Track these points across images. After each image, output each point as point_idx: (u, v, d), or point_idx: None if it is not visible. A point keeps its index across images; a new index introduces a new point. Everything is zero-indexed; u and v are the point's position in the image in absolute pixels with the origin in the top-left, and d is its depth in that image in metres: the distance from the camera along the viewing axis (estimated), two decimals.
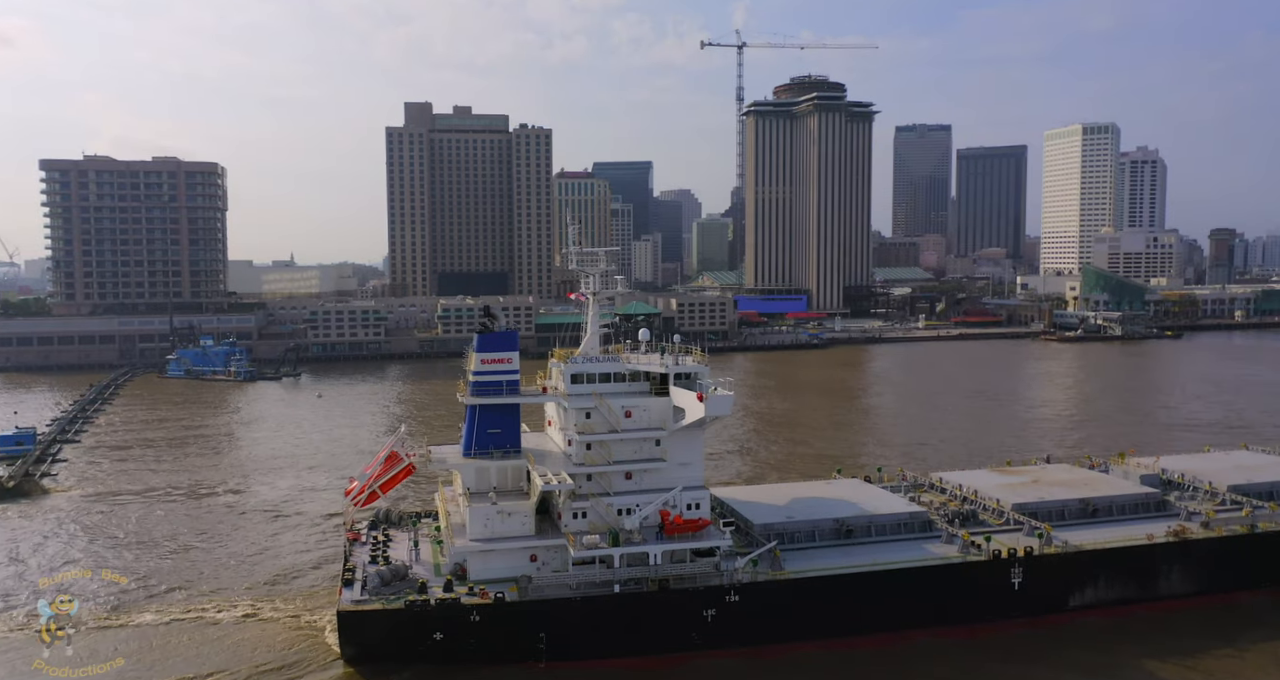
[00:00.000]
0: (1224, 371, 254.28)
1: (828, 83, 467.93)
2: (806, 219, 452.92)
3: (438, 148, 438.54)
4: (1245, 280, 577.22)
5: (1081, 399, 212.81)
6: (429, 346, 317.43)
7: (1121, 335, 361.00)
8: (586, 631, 69.00)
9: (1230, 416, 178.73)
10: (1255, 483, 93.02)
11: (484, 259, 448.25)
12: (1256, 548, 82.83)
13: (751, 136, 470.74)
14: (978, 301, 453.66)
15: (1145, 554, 79.68)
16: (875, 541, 79.30)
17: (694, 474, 77.19)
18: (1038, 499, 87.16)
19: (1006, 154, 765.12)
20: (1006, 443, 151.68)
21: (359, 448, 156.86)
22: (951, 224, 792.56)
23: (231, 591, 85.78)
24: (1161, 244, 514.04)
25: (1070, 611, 77.91)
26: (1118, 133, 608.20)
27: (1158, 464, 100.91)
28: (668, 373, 77.06)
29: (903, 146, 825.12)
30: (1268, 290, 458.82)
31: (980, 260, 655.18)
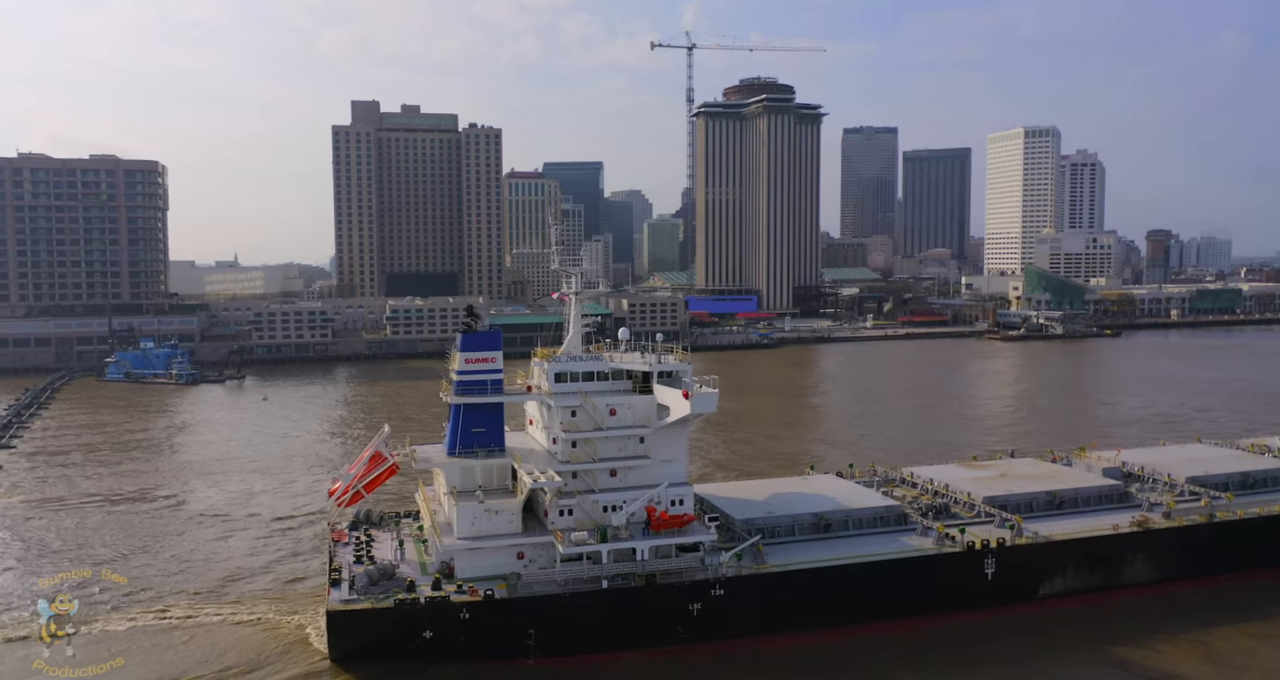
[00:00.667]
0: (1161, 369, 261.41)
1: (777, 85, 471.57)
2: (756, 220, 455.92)
3: (385, 147, 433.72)
4: (1180, 280, 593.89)
5: (1026, 396, 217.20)
6: (377, 348, 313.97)
7: (1063, 334, 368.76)
8: (575, 627, 69.92)
9: (1168, 412, 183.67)
10: (1212, 475, 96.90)
11: (433, 260, 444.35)
12: (1216, 536, 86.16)
13: (701, 137, 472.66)
14: (924, 301, 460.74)
15: (1111, 544, 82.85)
16: (853, 535, 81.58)
17: (677, 470, 78.50)
18: (1007, 492, 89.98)
19: (951, 156, 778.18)
20: (956, 439, 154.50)
21: (307, 451, 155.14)
22: (898, 225, 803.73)
23: (191, 596, 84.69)
24: (1100, 245, 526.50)
25: (1040, 600, 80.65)
26: (1058, 136, 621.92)
27: (1118, 457, 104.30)
28: (651, 371, 78.23)
29: (850, 148, 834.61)
30: (1202, 290, 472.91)
31: (926, 261, 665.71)
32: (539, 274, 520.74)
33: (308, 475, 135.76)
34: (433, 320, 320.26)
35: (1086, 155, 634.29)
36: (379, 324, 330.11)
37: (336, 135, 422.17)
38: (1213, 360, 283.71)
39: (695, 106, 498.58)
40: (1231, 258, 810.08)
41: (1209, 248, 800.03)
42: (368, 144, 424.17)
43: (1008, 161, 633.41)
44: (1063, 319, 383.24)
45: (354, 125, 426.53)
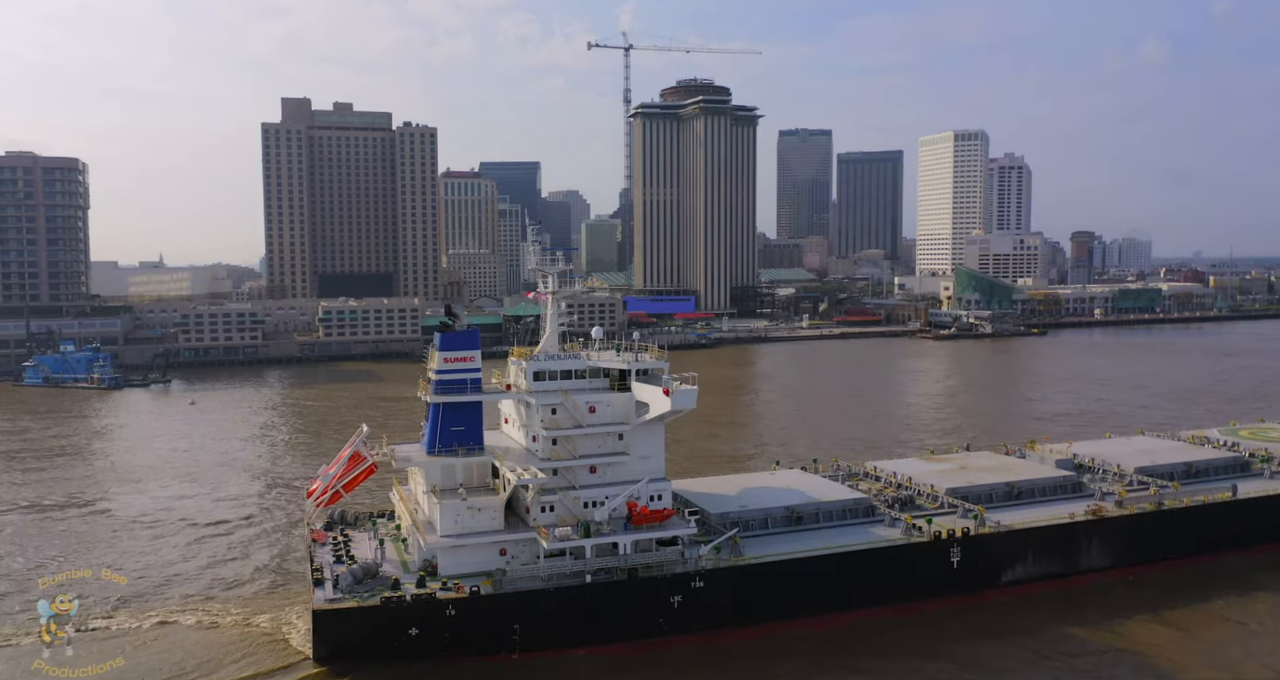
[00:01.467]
0: (1087, 366, 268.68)
1: (713, 86, 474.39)
2: (694, 220, 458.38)
3: (317, 145, 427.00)
4: (1103, 280, 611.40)
5: (959, 394, 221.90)
6: (310, 350, 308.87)
7: (992, 333, 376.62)
8: (559, 621, 70.96)
9: (1094, 409, 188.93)
10: (1158, 465, 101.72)
11: (367, 260, 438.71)
12: (1164, 523, 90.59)
13: (639, 138, 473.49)
14: (858, 301, 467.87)
15: (1068, 532, 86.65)
16: (824, 527, 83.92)
17: (655, 466, 79.80)
18: (968, 484, 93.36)
19: (884, 159, 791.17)
20: (895, 437, 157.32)
21: (239, 454, 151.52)
22: (833, 226, 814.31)
23: (145, 602, 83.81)
24: (1028, 246, 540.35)
25: (1003, 587, 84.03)
26: (986, 139, 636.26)
27: (1070, 449, 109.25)
28: (629, 369, 79.53)
29: (786, 150, 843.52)
30: (1123, 290, 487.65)
31: (860, 261, 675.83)
32: (476, 275, 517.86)
33: (240, 479, 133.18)
34: (367, 322, 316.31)
35: (1014, 158, 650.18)
36: (311, 326, 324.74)
37: (266, 133, 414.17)
38: (1135, 358, 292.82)
39: (632, 107, 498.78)
40: (1151, 258, 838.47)
41: (1130, 249, 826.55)
42: (299, 142, 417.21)
43: (938, 164, 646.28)
44: (992, 318, 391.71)
45: (284, 123, 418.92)
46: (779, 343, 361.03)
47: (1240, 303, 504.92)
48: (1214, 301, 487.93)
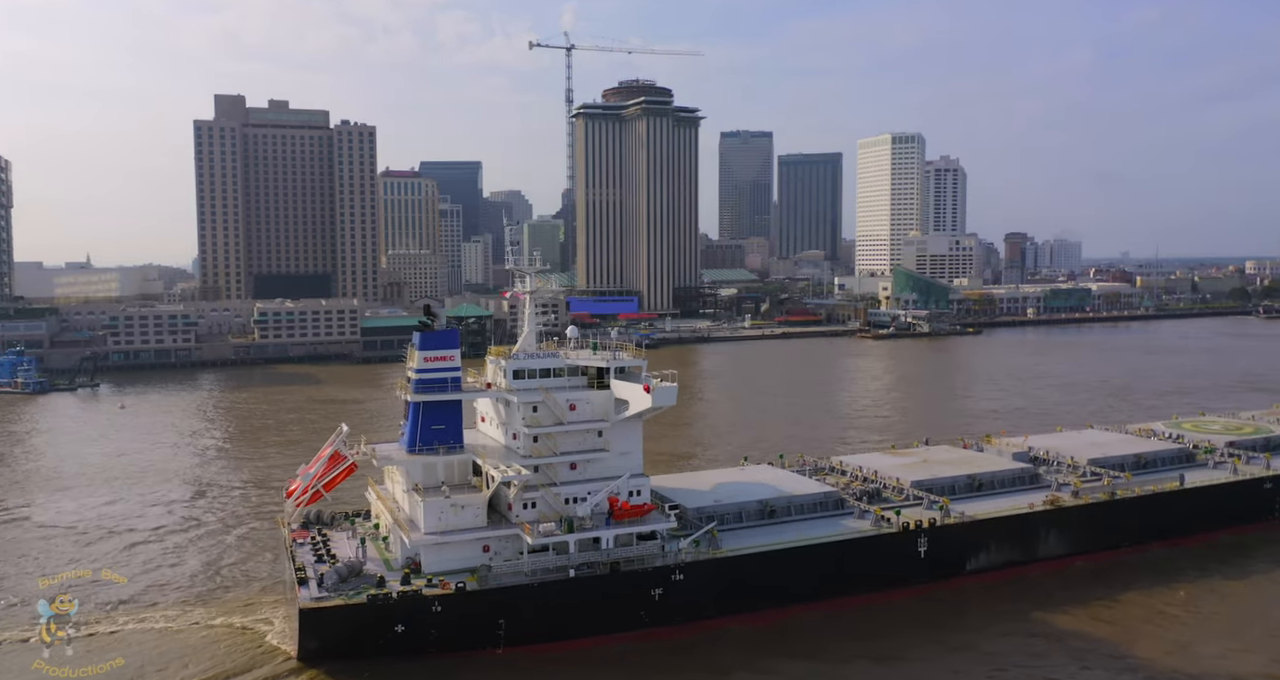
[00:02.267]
0: (1021, 364, 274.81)
1: (655, 87, 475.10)
2: (636, 221, 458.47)
3: (252, 143, 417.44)
4: (1035, 280, 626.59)
5: (899, 392, 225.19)
6: (245, 353, 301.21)
7: (929, 332, 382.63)
8: (543, 616, 71.94)
9: (1029, 404, 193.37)
10: (1110, 456, 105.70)
11: (304, 260, 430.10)
12: (1117, 512, 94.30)
13: (581, 139, 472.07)
14: (799, 301, 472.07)
15: (1027, 521, 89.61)
16: (796, 520, 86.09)
17: (634, 462, 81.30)
18: (932, 476, 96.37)
19: (824, 160, 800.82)
20: (839, 434, 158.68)
21: (172, 459, 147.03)
22: (774, 227, 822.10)
23: (115, 607, 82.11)
24: (963, 247, 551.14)
25: (968, 575, 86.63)
26: (923, 142, 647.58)
27: (1025, 443, 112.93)
28: (608, 367, 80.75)
29: (727, 152, 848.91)
30: (1055, 289, 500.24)
31: (801, 262, 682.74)
32: (416, 275, 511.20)
33: (173, 483, 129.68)
34: (304, 323, 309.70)
35: (949, 161, 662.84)
36: (247, 328, 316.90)
37: (199, 130, 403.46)
38: (1066, 355, 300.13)
39: (574, 107, 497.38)
40: (1081, 259, 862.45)
41: (1061, 250, 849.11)
42: (232, 140, 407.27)
43: (876, 166, 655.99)
44: (929, 318, 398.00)
45: (218, 120, 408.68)
46: (722, 343, 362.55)
47: (1165, 302, 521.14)
48: (1141, 301, 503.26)
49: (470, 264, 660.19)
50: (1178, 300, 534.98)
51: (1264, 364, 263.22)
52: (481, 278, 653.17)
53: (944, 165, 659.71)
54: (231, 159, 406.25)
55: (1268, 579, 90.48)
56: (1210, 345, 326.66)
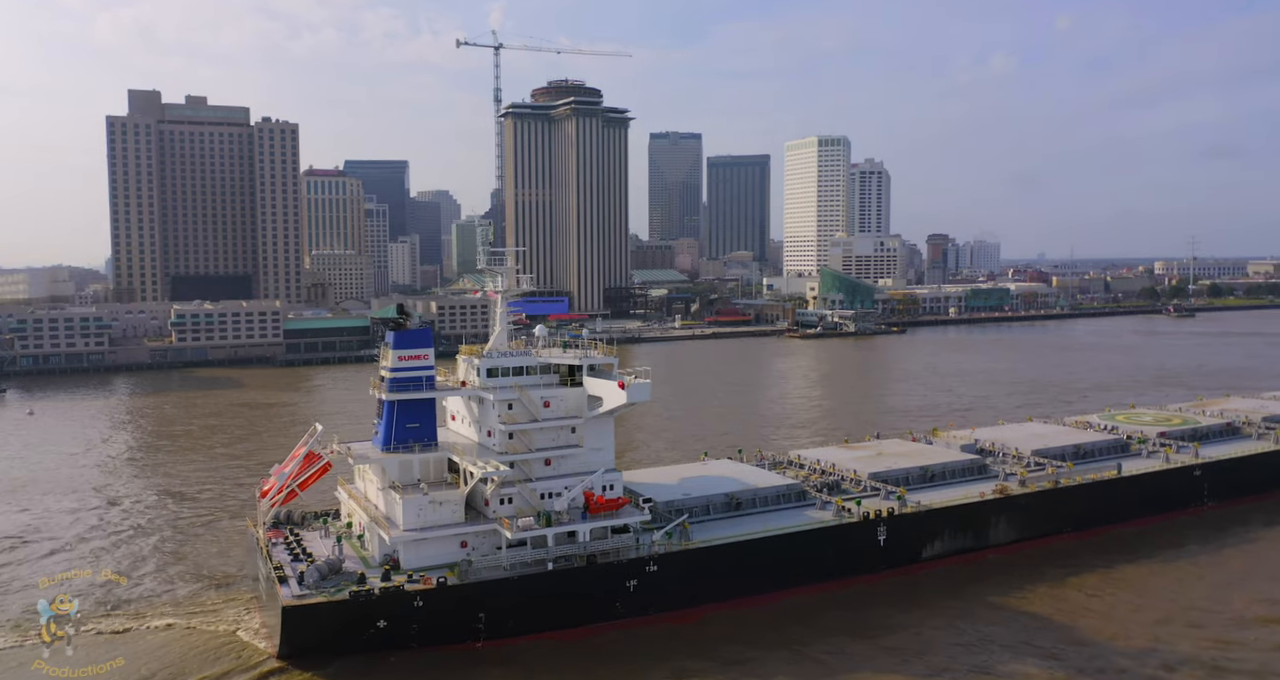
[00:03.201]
0: (944, 362, 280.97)
1: (585, 88, 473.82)
2: (566, 222, 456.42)
3: (168, 140, 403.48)
4: (957, 281, 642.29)
5: (829, 389, 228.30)
6: (162, 356, 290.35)
7: (855, 331, 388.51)
8: (522, 609, 72.82)
9: (955, 400, 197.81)
10: (1052, 447, 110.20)
11: (223, 261, 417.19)
12: (1062, 500, 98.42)
13: (510, 138, 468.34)
14: (729, 302, 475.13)
15: (978, 510, 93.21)
16: (762, 511, 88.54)
17: (606, 458, 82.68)
18: (887, 468, 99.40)
19: (752, 162, 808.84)
20: (770, 432, 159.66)
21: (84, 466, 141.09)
22: (703, 228, 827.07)
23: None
24: (888, 248, 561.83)
25: (924, 562, 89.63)
26: (848, 145, 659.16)
27: (972, 435, 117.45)
28: (581, 365, 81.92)
29: (657, 153, 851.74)
30: (975, 289, 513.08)
31: (730, 263, 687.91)
32: (341, 276, 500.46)
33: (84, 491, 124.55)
34: (224, 326, 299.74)
35: (874, 164, 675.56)
36: (163, 330, 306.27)
37: (112, 127, 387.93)
38: (987, 353, 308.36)
39: (503, 107, 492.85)
40: (1000, 260, 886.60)
41: (981, 251, 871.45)
42: (148, 136, 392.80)
43: (803, 168, 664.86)
44: (855, 317, 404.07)
45: (132, 116, 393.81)
46: (653, 343, 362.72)
47: (1080, 302, 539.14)
48: (1056, 300, 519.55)
49: (397, 265, 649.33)
50: (1091, 299, 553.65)
51: (1175, 360, 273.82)
52: (409, 278, 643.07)
53: (869, 168, 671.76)
54: (146, 156, 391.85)
55: (1197, 560, 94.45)
56: (1124, 343, 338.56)
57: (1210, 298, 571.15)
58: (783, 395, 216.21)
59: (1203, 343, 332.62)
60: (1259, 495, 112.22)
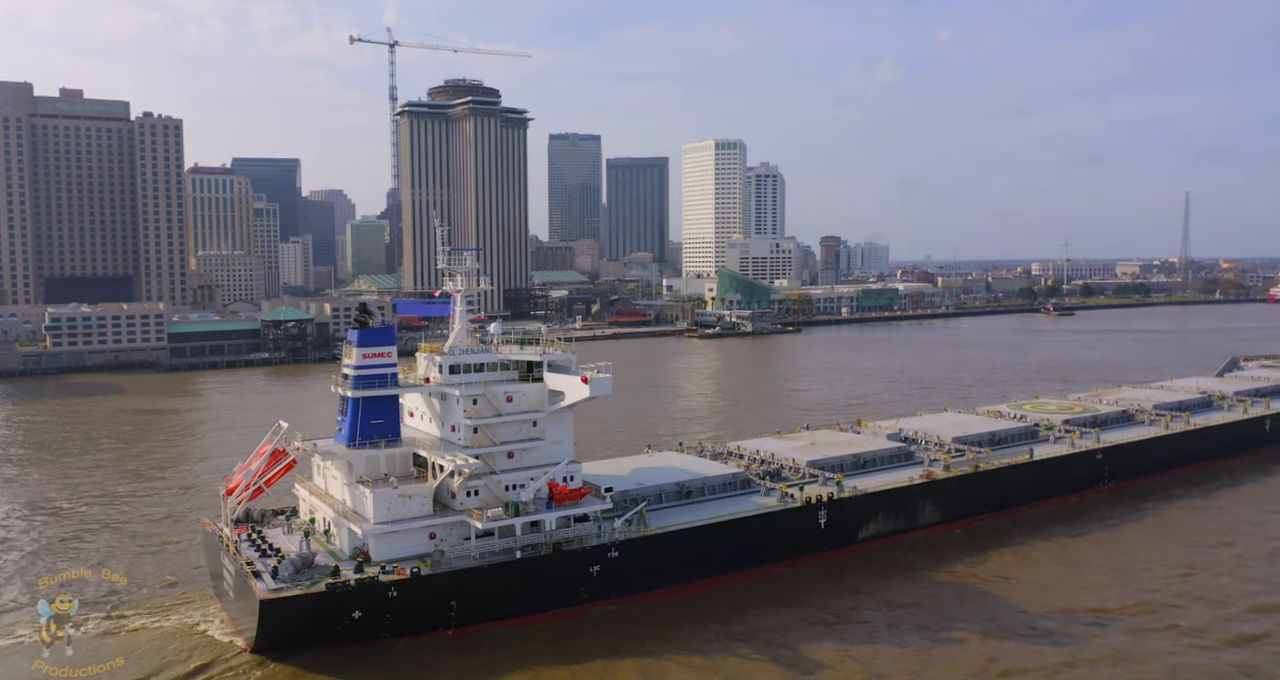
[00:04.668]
0: (839, 360, 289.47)
1: (482, 87, 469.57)
2: (464, 222, 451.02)
3: (41, 135, 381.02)
4: (849, 281, 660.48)
5: (731, 387, 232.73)
6: (35, 362, 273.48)
7: (753, 331, 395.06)
8: (492, 596, 75.35)
9: (853, 396, 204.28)
10: (970, 434, 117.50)
11: (102, 262, 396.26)
12: (982, 483, 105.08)
13: (406, 137, 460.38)
14: (629, 302, 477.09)
15: (908, 493, 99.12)
16: (711, 499, 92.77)
17: (566, 450, 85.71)
18: (823, 456, 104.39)
19: (651, 165, 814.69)
20: (675, 430, 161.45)
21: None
22: (603, 229, 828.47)
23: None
24: (783, 250, 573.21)
25: (861, 542, 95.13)
26: (744, 149, 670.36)
27: (897, 425, 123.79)
28: (542, 361, 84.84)
29: (556, 154, 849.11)
30: (866, 289, 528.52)
31: (630, 264, 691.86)
32: (230, 277, 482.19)
33: None
34: (103, 329, 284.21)
35: (769, 167, 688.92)
36: (37, 335, 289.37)
37: None
38: (879, 351, 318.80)
39: (399, 105, 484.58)
40: (890, 261, 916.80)
41: (871, 252, 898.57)
42: (18, 131, 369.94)
43: (701, 171, 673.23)
44: (752, 317, 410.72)
45: (0, 109, 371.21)
46: None
47: (964, 301, 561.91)
48: (942, 300, 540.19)
49: (289, 265, 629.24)
50: (974, 299, 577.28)
51: (1054, 356, 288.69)
52: (301, 280, 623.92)
53: (764, 171, 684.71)
54: (17, 152, 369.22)
55: (1100, 536, 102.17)
56: (1006, 340, 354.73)
57: (1082, 297, 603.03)
58: (687, 393, 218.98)
59: (1078, 339, 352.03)
60: (1153, 475, 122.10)
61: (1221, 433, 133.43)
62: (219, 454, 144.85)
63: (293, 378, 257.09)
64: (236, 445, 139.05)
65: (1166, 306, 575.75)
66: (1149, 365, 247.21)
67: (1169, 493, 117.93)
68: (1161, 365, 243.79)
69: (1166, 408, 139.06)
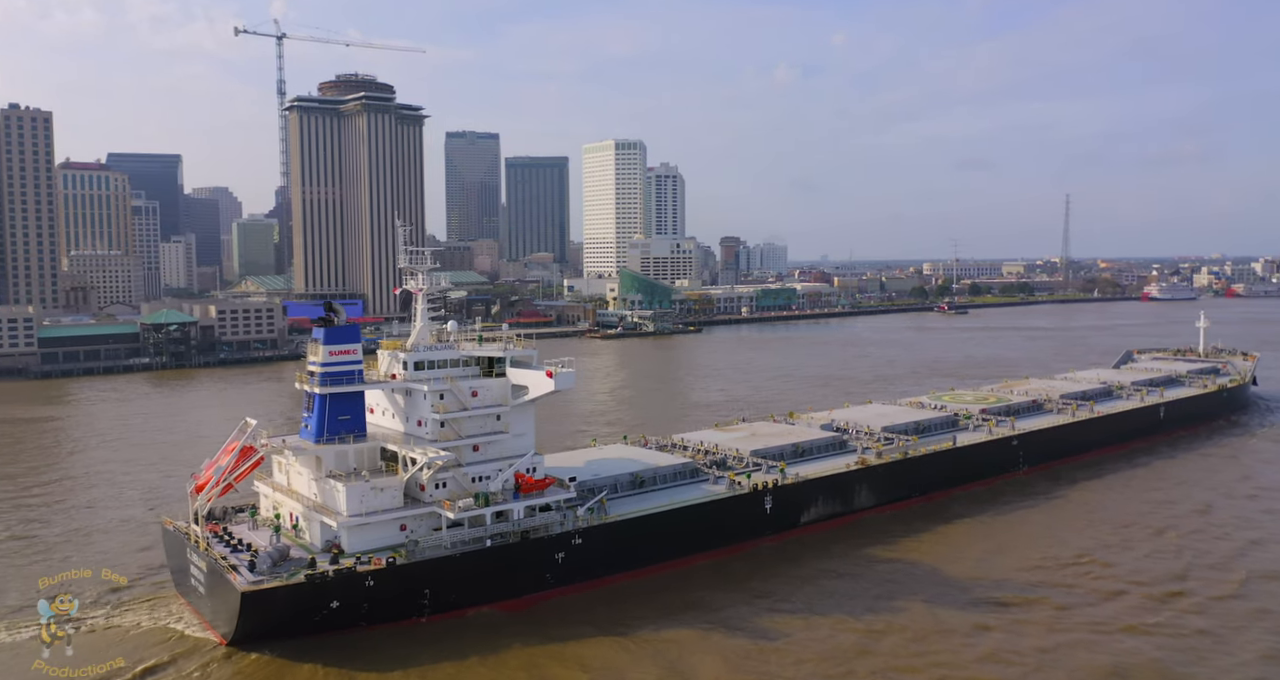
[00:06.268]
0: (741, 358, 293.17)
1: (376, 83, 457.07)
2: (358, 221, 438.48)
3: None
4: (748, 281, 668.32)
5: (636, 386, 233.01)
6: None
7: (654, 331, 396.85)
8: (463, 584, 77.79)
9: (757, 393, 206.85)
10: (898, 424, 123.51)
11: None
12: (911, 468, 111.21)
13: (296, 133, 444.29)
14: (530, 303, 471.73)
15: (845, 479, 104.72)
16: (663, 487, 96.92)
17: (529, 443, 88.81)
18: (765, 446, 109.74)
19: (551, 164, 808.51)
20: (579, 428, 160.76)
21: None
22: (503, 229, 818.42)
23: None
24: (683, 250, 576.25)
25: (803, 526, 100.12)
26: (644, 149, 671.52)
27: (829, 416, 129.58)
28: (504, 357, 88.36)
29: (454, 152, 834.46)
30: (765, 289, 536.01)
31: (530, 264, 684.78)
32: (106, 278, 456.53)
33: None
34: None
35: (669, 168, 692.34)
36: None
37: None
38: (779, 349, 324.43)
39: (288, 100, 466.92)
40: (788, 261, 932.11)
41: (770, 253, 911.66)
42: None
43: (601, 171, 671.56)
44: (654, 317, 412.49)
45: None
46: None
47: (859, 301, 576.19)
48: (839, 299, 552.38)
49: (171, 266, 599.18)
50: (869, 298, 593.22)
51: (947, 353, 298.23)
52: (184, 281, 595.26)
53: (664, 171, 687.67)
54: None
55: (1020, 515, 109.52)
56: (901, 338, 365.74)
57: (971, 296, 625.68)
58: (592, 392, 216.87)
59: (969, 336, 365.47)
60: (1063, 459, 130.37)
61: (1122, 420, 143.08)
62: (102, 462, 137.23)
63: (177, 383, 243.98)
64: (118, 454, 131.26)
65: (1050, 304, 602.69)
66: (1037, 361, 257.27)
67: (1078, 475, 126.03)
68: (1049, 361, 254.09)
69: (1072, 397, 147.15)
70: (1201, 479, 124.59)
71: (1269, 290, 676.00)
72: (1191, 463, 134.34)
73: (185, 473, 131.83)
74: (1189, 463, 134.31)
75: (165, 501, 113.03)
